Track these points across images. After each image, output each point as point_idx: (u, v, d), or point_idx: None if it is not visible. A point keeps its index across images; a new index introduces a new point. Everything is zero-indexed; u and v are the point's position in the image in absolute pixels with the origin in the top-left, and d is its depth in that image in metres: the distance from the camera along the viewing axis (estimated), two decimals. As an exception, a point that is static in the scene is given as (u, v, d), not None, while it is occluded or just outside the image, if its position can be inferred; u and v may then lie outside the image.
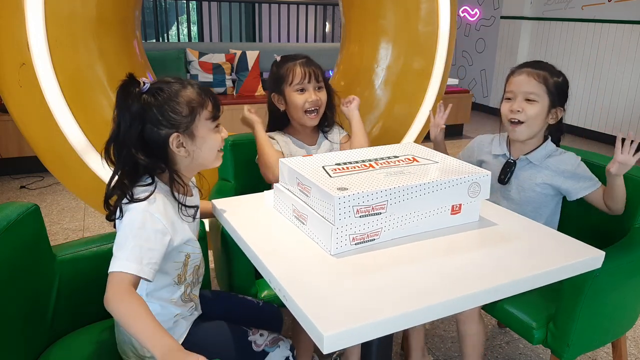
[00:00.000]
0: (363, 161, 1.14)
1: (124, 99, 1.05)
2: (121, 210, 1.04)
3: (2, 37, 1.77)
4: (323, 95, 1.58)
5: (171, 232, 1.04)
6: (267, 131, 1.68)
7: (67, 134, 1.84)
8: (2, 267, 1.02)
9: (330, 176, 1.03)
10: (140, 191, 1.04)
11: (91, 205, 2.14)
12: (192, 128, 1.08)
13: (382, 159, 1.16)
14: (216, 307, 1.30)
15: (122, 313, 0.92)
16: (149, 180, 1.06)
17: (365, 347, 1.04)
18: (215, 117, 1.13)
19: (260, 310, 1.34)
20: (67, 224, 2.86)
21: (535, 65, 1.46)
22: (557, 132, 1.54)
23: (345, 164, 1.12)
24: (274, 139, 1.61)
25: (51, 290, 1.20)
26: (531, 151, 1.51)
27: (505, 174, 1.53)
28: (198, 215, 1.21)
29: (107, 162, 1.07)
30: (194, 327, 1.17)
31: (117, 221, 1.06)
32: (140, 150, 1.05)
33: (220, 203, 1.24)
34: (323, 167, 1.09)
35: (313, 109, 1.56)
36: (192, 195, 1.19)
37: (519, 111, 1.44)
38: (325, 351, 0.73)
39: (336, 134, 1.70)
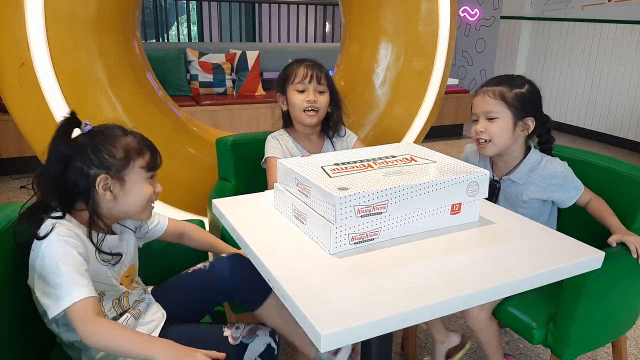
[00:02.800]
0: (361, 161, 1.14)
1: (56, 136, 1.06)
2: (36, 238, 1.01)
3: (2, 37, 1.77)
4: (323, 99, 1.59)
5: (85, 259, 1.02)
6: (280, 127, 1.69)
7: (67, 134, 1.84)
8: (2, 267, 1.02)
9: (330, 176, 1.03)
10: (47, 224, 1.02)
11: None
12: (123, 173, 1.07)
13: (380, 158, 1.16)
14: (170, 299, 1.26)
15: (105, 341, 0.93)
16: (59, 214, 1.04)
17: (365, 346, 1.04)
18: (151, 167, 1.12)
19: (211, 272, 1.28)
20: (67, 224, 2.86)
21: (493, 82, 1.47)
22: (546, 143, 1.52)
23: (343, 164, 1.12)
24: (277, 140, 1.61)
25: (51, 290, 1.19)
26: (512, 170, 1.50)
27: (490, 196, 1.52)
28: (130, 259, 1.18)
29: (34, 190, 1.07)
30: (162, 335, 1.14)
31: (31, 260, 1.02)
32: (56, 190, 1.04)
33: (220, 203, 1.24)
34: (322, 167, 1.09)
35: (311, 108, 1.57)
36: (113, 233, 1.15)
37: (482, 131, 1.45)
38: (322, 349, 0.74)
39: (345, 141, 1.69)
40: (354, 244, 0.98)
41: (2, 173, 3.57)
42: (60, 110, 1.81)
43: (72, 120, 1.07)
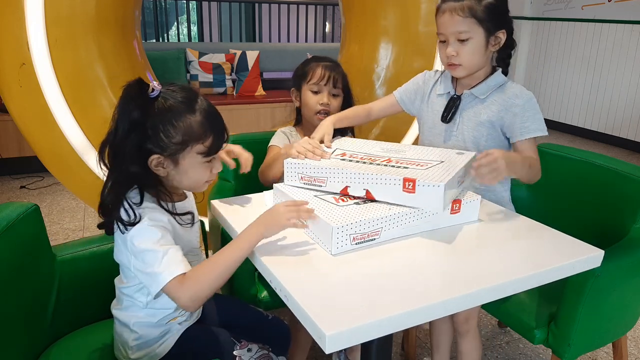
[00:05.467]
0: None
1: (126, 102, 0.98)
2: (122, 223, 0.99)
3: (2, 37, 1.77)
4: (336, 103, 1.58)
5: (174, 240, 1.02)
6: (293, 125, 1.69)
7: (67, 134, 1.84)
8: (2, 267, 1.02)
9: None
10: (131, 214, 1.00)
11: (91, 205, 2.14)
12: (178, 156, 1.01)
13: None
14: (219, 314, 1.27)
15: (206, 282, 0.95)
16: (138, 199, 1.01)
17: (365, 347, 1.04)
18: (209, 153, 1.04)
19: (269, 324, 1.28)
20: (67, 224, 2.86)
21: None
22: (505, 59, 1.37)
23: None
24: (284, 134, 1.62)
25: (51, 290, 1.20)
26: (476, 85, 1.36)
27: (448, 111, 1.39)
28: (197, 220, 1.18)
29: (100, 164, 1.01)
30: (186, 330, 1.15)
31: (117, 234, 1.03)
32: (136, 159, 0.99)
33: (219, 203, 1.23)
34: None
35: (323, 111, 1.56)
36: (185, 198, 1.15)
37: (454, 55, 1.30)
38: (327, 350, 0.73)
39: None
40: (356, 244, 0.98)
41: (2, 173, 3.57)
42: (60, 110, 1.81)
43: (138, 84, 1.00)
